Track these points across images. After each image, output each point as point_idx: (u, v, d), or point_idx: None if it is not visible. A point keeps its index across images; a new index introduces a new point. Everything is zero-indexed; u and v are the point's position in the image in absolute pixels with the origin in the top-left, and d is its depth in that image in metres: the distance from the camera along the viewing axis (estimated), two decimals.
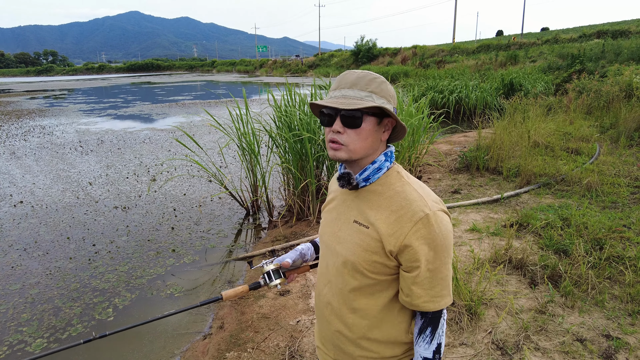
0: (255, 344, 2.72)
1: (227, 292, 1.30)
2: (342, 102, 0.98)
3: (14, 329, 3.14)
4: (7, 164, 8.43)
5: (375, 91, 1.00)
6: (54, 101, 24.94)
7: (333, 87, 1.04)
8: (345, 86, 1.01)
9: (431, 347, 1.01)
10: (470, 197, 4.94)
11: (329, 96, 1.04)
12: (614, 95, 9.01)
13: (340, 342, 1.11)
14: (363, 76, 1.01)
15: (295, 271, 1.32)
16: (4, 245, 4.66)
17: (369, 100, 0.98)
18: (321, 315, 1.16)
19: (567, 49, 22.70)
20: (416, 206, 0.96)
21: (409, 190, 1.00)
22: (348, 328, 1.08)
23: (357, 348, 1.08)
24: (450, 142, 8.71)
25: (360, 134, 1.00)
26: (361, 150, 1.02)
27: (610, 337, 2.37)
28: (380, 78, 1.02)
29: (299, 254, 1.31)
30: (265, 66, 68.64)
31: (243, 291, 1.31)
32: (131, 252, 4.45)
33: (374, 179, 1.05)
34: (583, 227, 3.54)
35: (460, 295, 2.66)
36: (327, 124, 1.04)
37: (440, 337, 1.02)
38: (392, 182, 1.03)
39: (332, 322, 1.11)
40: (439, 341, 1.02)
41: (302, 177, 4.82)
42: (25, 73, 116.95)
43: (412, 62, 34.43)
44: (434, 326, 1.01)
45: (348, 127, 1.00)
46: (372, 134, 1.02)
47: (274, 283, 1.26)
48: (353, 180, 1.05)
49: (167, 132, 11.95)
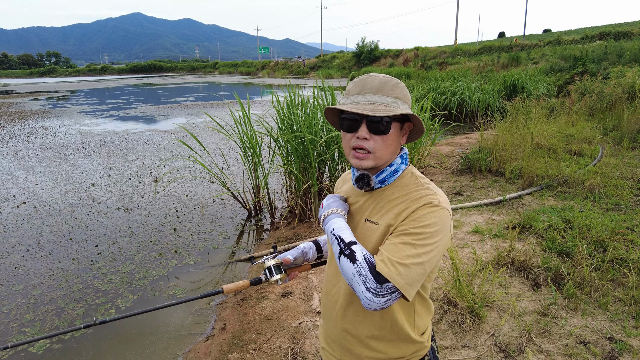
0: (258, 346, 2.72)
1: (228, 286, 1.31)
2: (371, 109, 0.97)
3: (17, 330, 3.15)
4: (10, 165, 8.46)
5: (399, 97, 1.01)
6: (56, 102, 25.03)
7: (354, 92, 1.03)
8: (369, 91, 1.00)
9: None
10: (473, 199, 4.93)
11: (350, 101, 1.02)
12: (616, 97, 8.99)
13: (347, 342, 1.11)
14: (386, 81, 1.01)
15: (296, 269, 1.33)
16: (7, 246, 4.67)
17: (396, 106, 0.99)
18: (329, 315, 1.16)
19: (569, 50, 22.67)
20: (428, 197, 0.99)
21: (422, 188, 1.02)
22: (355, 328, 1.08)
23: (365, 348, 1.09)
24: (452, 143, 8.71)
25: (387, 140, 1.01)
26: (386, 156, 1.03)
27: (613, 340, 2.36)
28: (401, 83, 1.03)
29: (300, 252, 1.32)
30: (267, 68, 68.76)
31: (244, 285, 1.32)
32: (133, 253, 4.46)
33: (390, 181, 1.06)
34: (586, 229, 3.53)
35: (462, 297, 2.66)
36: (349, 129, 1.02)
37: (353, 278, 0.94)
38: (407, 182, 1.05)
39: (340, 322, 1.11)
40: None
41: (304, 178, 4.82)
42: (28, 74, 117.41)
43: (414, 63, 34.46)
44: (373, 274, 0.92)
45: (376, 133, 0.99)
46: (396, 139, 1.04)
47: (274, 278, 1.27)
48: (372, 182, 1.05)
49: (170, 134, 11.98)
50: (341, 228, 1.02)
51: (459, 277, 2.66)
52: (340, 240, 0.98)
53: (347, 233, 1.00)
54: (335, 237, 1.00)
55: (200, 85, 42.87)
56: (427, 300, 1.11)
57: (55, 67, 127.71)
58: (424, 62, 32.61)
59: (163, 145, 10.29)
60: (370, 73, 1.04)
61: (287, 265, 1.31)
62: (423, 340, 1.10)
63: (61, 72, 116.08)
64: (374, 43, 47.11)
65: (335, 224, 1.03)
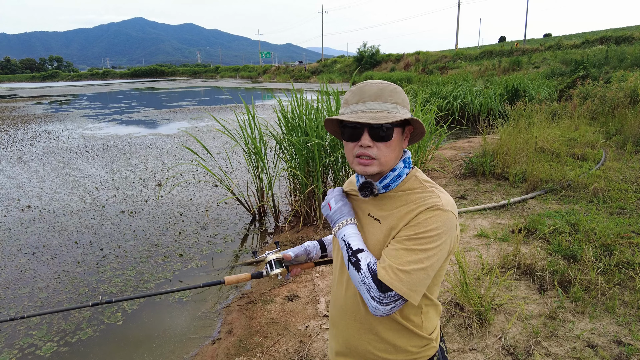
0: (265, 349, 2.72)
1: (230, 277, 1.35)
2: (372, 116, 0.98)
3: (24, 333, 3.16)
4: (14, 169, 8.49)
5: (399, 102, 1.01)
6: (59, 106, 25.13)
7: (353, 101, 1.02)
8: (368, 99, 1.00)
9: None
10: (477, 203, 4.94)
11: (350, 110, 1.02)
12: (618, 101, 9.00)
13: (357, 339, 1.12)
14: (384, 87, 1.01)
15: (299, 266, 1.35)
16: (13, 249, 4.69)
17: (396, 112, 1.00)
18: (340, 315, 1.17)
19: (570, 55, 22.76)
20: (431, 200, 0.99)
21: (426, 192, 1.03)
22: (366, 324, 1.10)
23: (373, 344, 1.10)
24: (455, 147, 8.72)
25: (390, 146, 1.01)
26: (391, 161, 1.03)
27: (621, 344, 2.36)
28: (398, 88, 1.03)
29: (304, 249, 1.34)
30: (269, 72, 68.98)
31: (245, 278, 1.35)
32: (139, 256, 4.47)
33: (394, 185, 1.06)
34: (591, 233, 3.54)
35: (469, 300, 2.66)
36: (351, 138, 1.03)
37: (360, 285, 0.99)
38: (411, 186, 1.05)
39: (351, 320, 1.13)
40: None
41: (309, 182, 4.84)
42: (30, 79, 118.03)
43: (415, 68, 34.56)
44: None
45: (378, 140, 1.00)
46: (399, 144, 1.04)
47: (274, 272, 1.29)
48: (375, 189, 1.06)
49: (172, 137, 12.01)
50: (351, 234, 1.04)
51: (465, 281, 2.67)
52: (349, 247, 1.02)
53: (356, 240, 1.03)
54: (345, 243, 1.04)
55: (202, 89, 43.02)
56: (435, 302, 1.12)
57: (58, 72, 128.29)
58: (425, 67, 32.70)
59: (166, 149, 10.32)
60: (367, 80, 1.04)
61: (290, 262, 1.33)
62: (432, 338, 1.11)
63: (63, 77, 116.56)
64: (375, 48, 47.25)
65: (347, 230, 1.06)
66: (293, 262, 1.34)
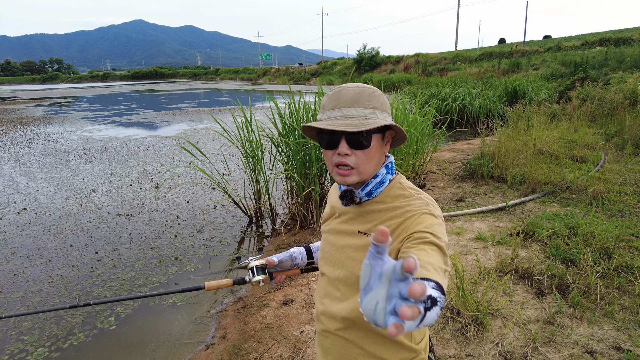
0: (259, 355, 2.68)
1: (210, 282, 1.31)
2: (348, 124, 0.93)
3: (16, 338, 3.11)
4: (12, 171, 8.46)
5: (377, 106, 0.96)
6: (58, 109, 25.12)
7: (329, 107, 0.97)
8: (345, 105, 0.95)
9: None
10: (475, 206, 4.90)
11: (327, 116, 0.97)
12: (618, 103, 8.97)
13: (343, 349, 1.08)
14: (361, 92, 0.96)
15: (283, 273, 1.31)
16: (7, 252, 4.65)
17: (374, 117, 0.95)
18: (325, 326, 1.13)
19: (569, 56, 22.74)
20: (418, 208, 0.96)
21: (412, 199, 0.99)
22: (352, 335, 1.06)
23: (359, 351, 1.06)
24: (454, 149, 8.69)
25: (369, 153, 0.97)
26: (371, 169, 0.99)
27: (621, 350, 2.32)
28: (377, 91, 0.98)
29: (289, 255, 1.30)
30: (269, 74, 69.07)
31: (226, 284, 1.32)
32: (134, 260, 4.43)
33: (377, 193, 1.02)
34: (590, 236, 3.50)
35: (466, 305, 2.62)
36: (328, 146, 0.98)
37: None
38: (395, 193, 1.01)
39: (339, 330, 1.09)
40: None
41: (306, 184, 4.80)
42: (30, 81, 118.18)
43: (414, 69, 34.59)
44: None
45: (356, 148, 0.95)
46: (379, 150, 1.00)
47: (256, 279, 1.26)
48: (356, 198, 1.01)
49: (171, 140, 11.99)
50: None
51: (462, 285, 2.63)
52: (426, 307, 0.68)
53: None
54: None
55: (202, 91, 43.03)
56: None
57: (58, 74, 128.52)
58: (424, 69, 32.73)
59: (164, 151, 10.29)
60: (345, 84, 0.99)
61: (274, 268, 1.29)
62: (420, 349, 1.07)
63: (63, 79, 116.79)
64: (374, 50, 47.30)
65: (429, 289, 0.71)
66: (277, 268, 1.30)
